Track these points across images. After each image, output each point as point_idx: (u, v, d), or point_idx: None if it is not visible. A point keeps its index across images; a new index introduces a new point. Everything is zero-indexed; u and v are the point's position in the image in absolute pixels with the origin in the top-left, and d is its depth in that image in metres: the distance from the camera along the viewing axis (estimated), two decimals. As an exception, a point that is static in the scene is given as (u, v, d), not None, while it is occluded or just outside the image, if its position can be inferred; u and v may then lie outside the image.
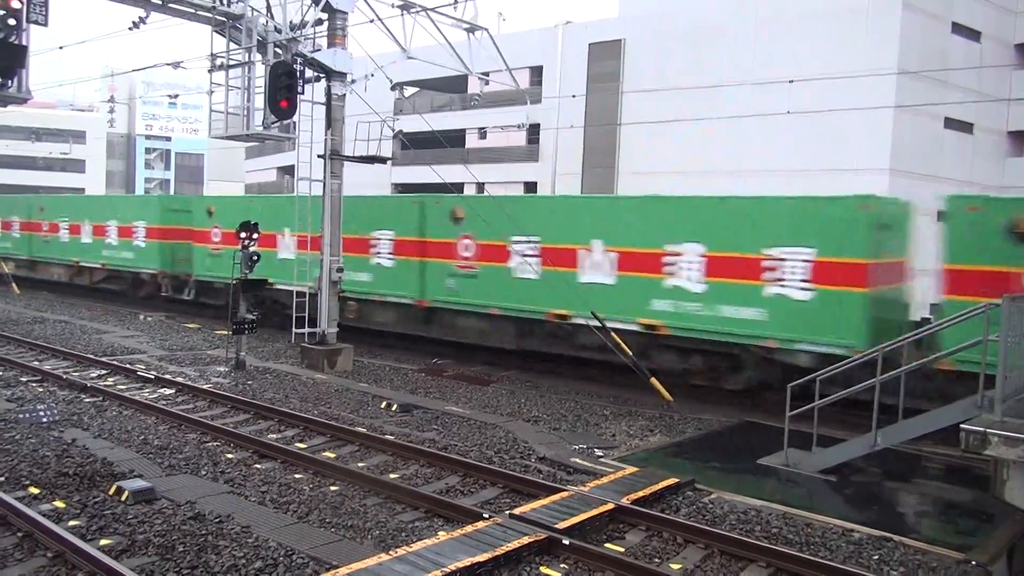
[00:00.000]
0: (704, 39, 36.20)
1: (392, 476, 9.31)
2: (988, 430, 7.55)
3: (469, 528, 7.56)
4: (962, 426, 7.74)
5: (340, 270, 16.56)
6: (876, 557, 7.49)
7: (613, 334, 13.87)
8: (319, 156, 16.62)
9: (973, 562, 7.34)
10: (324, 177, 16.52)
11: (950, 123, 34.82)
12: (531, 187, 44.12)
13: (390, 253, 18.28)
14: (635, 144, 38.73)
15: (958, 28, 34.75)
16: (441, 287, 17.21)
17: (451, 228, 17.02)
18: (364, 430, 11.09)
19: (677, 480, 9.23)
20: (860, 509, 8.98)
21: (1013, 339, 8.25)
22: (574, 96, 36.55)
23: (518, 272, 15.90)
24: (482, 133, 46.26)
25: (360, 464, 9.74)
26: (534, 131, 42.18)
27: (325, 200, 16.50)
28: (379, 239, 18.34)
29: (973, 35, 35.45)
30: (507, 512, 7.99)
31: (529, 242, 15.71)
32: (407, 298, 17.80)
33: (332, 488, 8.84)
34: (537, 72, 43.19)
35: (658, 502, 8.76)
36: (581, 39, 41.24)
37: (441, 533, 7.50)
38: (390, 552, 6.93)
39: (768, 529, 8.08)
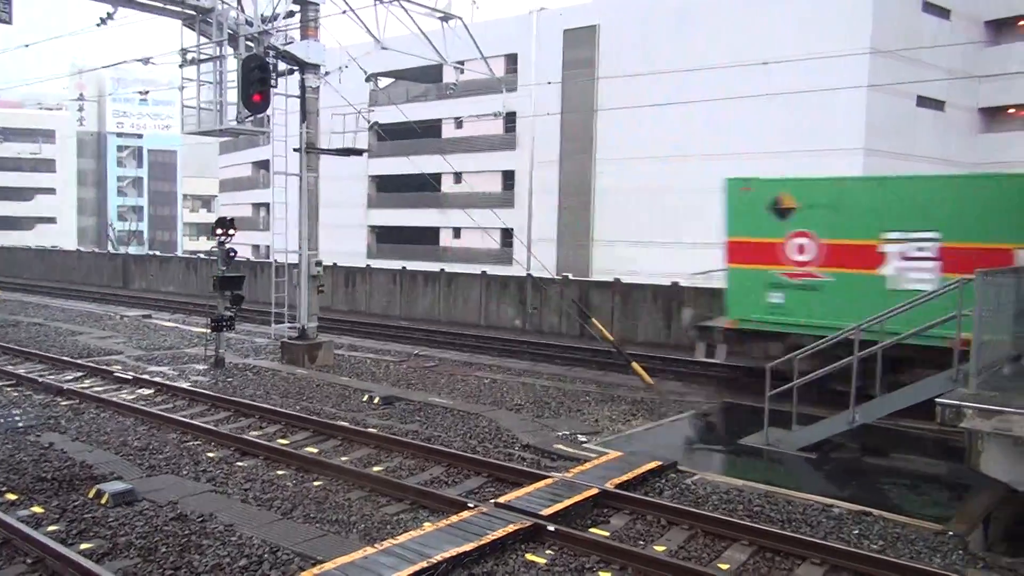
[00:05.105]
0: (679, 22, 36.20)
1: (376, 469, 9.28)
2: (962, 403, 7.64)
3: (455, 518, 7.55)
4: (937, 400, 7.83)
5: (319, 264, 16.46)
6: (856, 531, 7.58)
7: (594, 321, 13.93)
8: (295, 150, 16.48)
9: (950, 532, 7.46)
10: (300, 171, 16.39)
11: (923, 101, 35.09)
12: (509, 176, 44.04)
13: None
14: (612, 130, 38.73)
15: (928, 7, 34.98)
16: (757, 303, 12.99)
17: (774, 223, 12.93)
18: (347, 424, 11.05)
19: (660, 463, 9.29)
20: (840, 485, 9.10)
21: (987, 313, 8.35)
22: (549, 83, 36.45)
23: (898, 282, 12.06)
24: (458, 122, 46.08)
25: (343, 458, 9.71)
26: (511, 119, 42.07)
27: (302, 194, 16.37)
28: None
29: (943, 13, 35.70)
30: (492, 501, 8.00)
31: (919, 240, 11.97)
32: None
33: (315, 483, 8.80)
34: (512, 60, 43.03)
35: (642, 485, 8.81)
36: (556, 25, 41.11)
37: (426, 524, 7.50)
38: (376, 545, 6.91)
39: (750, 508, 8.16)
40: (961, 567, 6.80)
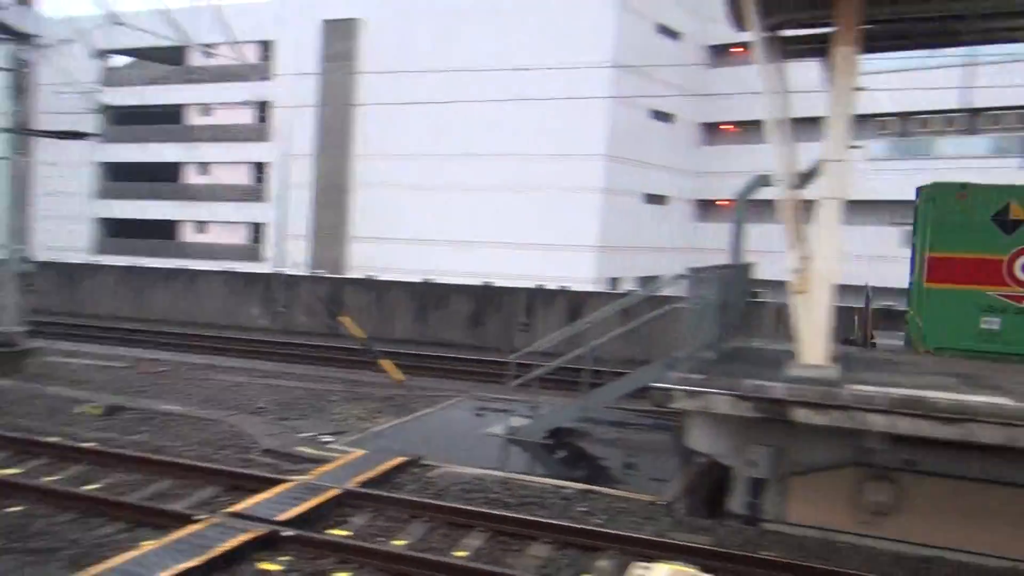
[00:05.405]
0: (445, 24, 36.76)
1: (89, 487, 8.34)
2: (672, 386, 8.48)
3: (181, 533, 6.99)
4: (651, 384, 8.63)
5: (24, 260, 14.53)
6: (583, 509, 8.16)
7: (341, 318, 13.70)
8: (2, 130, 14.43)
9: (661, 502, 8.29)
10: (10, 155, 14.37)
11: (657, 115, 38.85)
12: (261, 168, 41.98)
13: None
14: (374, 126, 38.36)
15: (662, 29, 38.79)
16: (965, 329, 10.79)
17: (996, 238, 10.83)
18: (57, 439, 9.82)
19: (404, 458, 9.31)
20: (573, 468, 9.75)
21: (696, 305, 9.33)
22: (305, 74, 35.28)
23: None
24: (206, 109, 42.99)
25: (50, 478, 8.61)
26: (264, 109, 40.18)
27: (12, 181, 14.34)
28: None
29: (674, 35, 39.79)
30: (225, 511, 7.53)
31: None
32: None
33: (13, 509, 7.71)
34: (267, 47, 41.10)
35: (385, 482, 8.76)
36: (314, 15, 39.82)
37: (146, 543, 6.86)
38: (83, 572, 6.19)
39: (488, 496, 8.45)
40: (668, 531, 7.57)
